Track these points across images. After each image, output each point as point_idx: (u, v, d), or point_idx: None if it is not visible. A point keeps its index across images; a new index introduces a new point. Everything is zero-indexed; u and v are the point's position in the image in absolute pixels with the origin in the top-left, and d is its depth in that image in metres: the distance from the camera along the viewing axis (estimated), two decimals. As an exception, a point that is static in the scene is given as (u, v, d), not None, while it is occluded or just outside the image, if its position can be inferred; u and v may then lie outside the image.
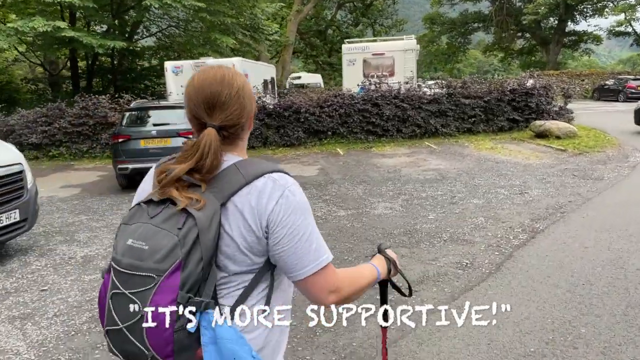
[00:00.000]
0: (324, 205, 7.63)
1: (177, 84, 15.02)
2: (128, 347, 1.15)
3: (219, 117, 1.25)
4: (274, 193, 1.22)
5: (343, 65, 16.20)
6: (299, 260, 1.22)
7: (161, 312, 1.09)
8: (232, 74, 1.31)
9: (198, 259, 1.12)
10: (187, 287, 1.11)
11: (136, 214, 1.22)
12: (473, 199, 7.60)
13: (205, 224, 1.13)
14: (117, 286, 1.14)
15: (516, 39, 47.94)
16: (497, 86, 14.56)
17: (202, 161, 1.19)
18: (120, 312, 1.14)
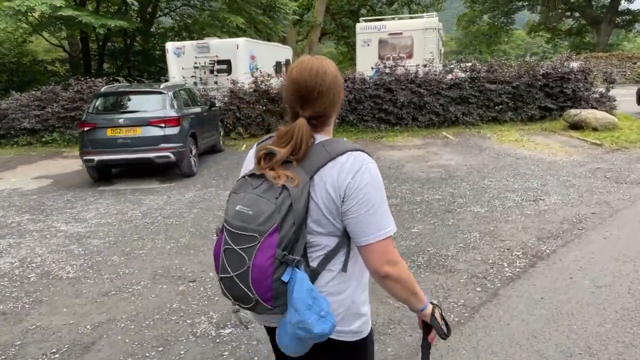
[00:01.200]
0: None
1: (179, 66, 14.16)
2: (237, 291, 1.42)
3: (309, 109, 1.46)
4: (353, 168, 1.41)
5: (357, 46, 14.86)
6: (363, 228, 1.40)
7: (263, 265, 1.34)
8: (326, 68, 1.46)
9: (291, 223, 1.36)
10: (283, 246, 1.35)
11: (242, 184, 1.49)
12: (474, 206, 6.35)
13: (297, 195, 1.36)
14: (229, 243, 1.42)
15: (564, 19, 44.82)
16: (528, 70, 12.95)
17: (297, 149, 1.42)
18: (231, 263, 1.42)
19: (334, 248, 1.45)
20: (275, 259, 1.34)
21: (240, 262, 1.38)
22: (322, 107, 1.46)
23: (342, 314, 1.49)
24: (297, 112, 1.47)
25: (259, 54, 14.86)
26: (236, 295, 1.44)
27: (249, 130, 13.04)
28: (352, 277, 1.50)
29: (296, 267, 1.37)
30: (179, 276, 4.48)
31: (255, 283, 1.36)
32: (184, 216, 6.46)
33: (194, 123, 9.22)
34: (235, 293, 1.43)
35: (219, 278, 1.47)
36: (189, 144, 8.74)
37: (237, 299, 1.45)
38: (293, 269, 1.36)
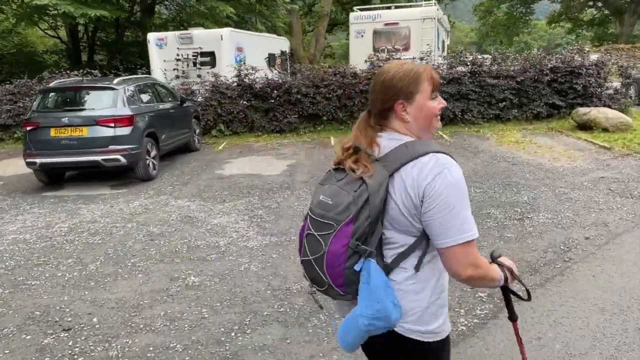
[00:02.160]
0: (243, 226, 5.69)
1: (161, 59, 13.36)
2: (314, 274, 1.52)
3: (370, 103, 1.58)
4: (434, 169, 1.42)
5: (350, 37, 13.84)
6: (443, 230, 1.41)
7: (337, 251, 1.44)
8: (385, 70, 1.55)
9: (366, 216, 1.42)
10: (357, 236, 1.42)
11: (328, 177, 1.60)
12: (448, 226, 5.41)
13: (374, 189, 1.42)
14: (310, 229, 1.52)
15: (586, 8, 42.94)
16: (535, 63, 11.82)
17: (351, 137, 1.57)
18: (311, 247, 1.52)
19: (410, 247, 1.48)
20: (349, 247, 1.43)
21: (317, 247, 1.49)
22: (376, 101, 1.55)
23: (420, 313, 1.50)
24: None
25: (247, 45, 13.98)
26: (313, 278, 1.54)
27: (230, 127, 12.19)
28: (430, 278, 1.52)
29: (368, 258, 1.44)
30: (55, 321, 3.66)
31: (328, 268, 1.47)
32: (113, 233, 5.64)
33: (155, 121, 8.40)
34: (311, 275, 1.54)
35: (301, 261, 1.58)
36: (145, 145, 7.92)
37: (313, 281, 1.55)
38: (366, 260, 1.44)
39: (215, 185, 7.70)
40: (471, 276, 1.44)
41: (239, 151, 10.48)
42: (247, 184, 7.64)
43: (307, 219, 1.56)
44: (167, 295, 4.01)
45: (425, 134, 1.57)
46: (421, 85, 1.51)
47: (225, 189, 7.41)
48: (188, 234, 5.48)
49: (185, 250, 4.99)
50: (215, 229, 5.64)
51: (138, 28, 19.21)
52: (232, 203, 6.67)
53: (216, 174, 8.49)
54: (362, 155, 1.50)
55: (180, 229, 5.69)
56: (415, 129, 1.54)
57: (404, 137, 1.51)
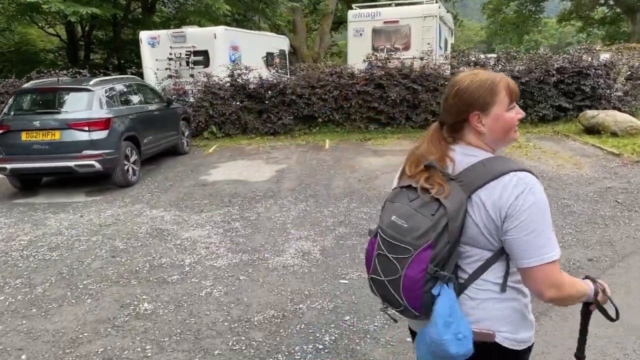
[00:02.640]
0: (215, 240, 5.25)
1: (153, 58, 12.93)
2: (387, 294, 1.49)
3: (442, 114, 1.54)
4: (517, 189, 1.37)
5: (348, 36, 13.33)
6: (525, 251, 1.37)
7: (414, 277, 1.40)
8: (458, 79, 1.51)
9: (445, 242, 1.38)
10: (435, 262, 1.38)
11: (398, 195, 1.51)
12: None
13: (453, 214, 1.37)
14: (382, 249, 1.48)
15: (597, 6, 42.07)
16: (540, 63, 11.27)
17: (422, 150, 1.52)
18: (384, 269, 1.47)
19: (488, 261, 1.45)
20: (427, 273, 1.39)
21: (392, 270, 1.44)
22: (450, 112, 1.50)
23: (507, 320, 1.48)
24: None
25: (243, 44, 13.51)
26: (386, 297, 1.51)
27: (223, 129, 11.76)
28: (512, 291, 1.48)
29: (447, 283, 1.41)
30: (-23, 358, 3.24)
31: (405, 291, 1.43)
32: (74, 247, 5.22)
33: (136, 124, 7.98)
34: (385, 295, 1.51)
35: (370, 277, 1.55)
36: (124, 150, 7.50)
37: (386, 300, 1.53)
38: (442, 285, 1.41)
39: (197, 192, 7.27)
40: (553, 297, 1.41)
41: (229, 154, 10.05)
42: (229, 192, 7.20)
43: (377, 238, 1.52)
44: (112, 326, 3.57)
45: (501, 145, 1.53)
46: (498, 95, 1.46)
47: (206, 197, 6.97)
48: (154, 250, 5.04)
49: (146, 270, 4.56)
50: (184, 244, 5.20)
51: (137, 26, 18.81)
52: (210, 213, 6.23)
53: (200, 180, 8.06)
54: (435, 172, 1.45)
55: (147, 243, 5.26)
56: (490, 141, 1.50)
57: (479, 151, 1.48)
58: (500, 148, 1.53)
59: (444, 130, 1.54)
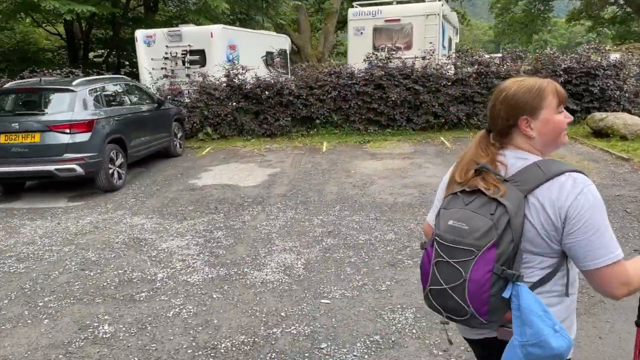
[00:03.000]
0: (194, 252, 4.92)
1: (149, 57, 12.63)
2: (450, 303, 1.43)
3: (489, 121, 1.56)
4: (574, 190, 1.36)
5: (349, 34, 12.96)
6: (589, 253, 1.35)
7: (480, 279, 1.35)
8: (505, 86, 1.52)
9: (510, 240, 1.36)
10: (501, 261, 1.35)
11: (452, 200, 1.49)
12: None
13: (514, 211, 1.36)
14: (442, 256, 1.44)
15: (607, 6, 41.39)
16: (547, 63, 10.85)
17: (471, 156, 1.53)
18: (445, 276, 1.42)
19: (549, 268, 1.44)
20: (494, 273, 1.36)
21: (455, 275, 1.41)
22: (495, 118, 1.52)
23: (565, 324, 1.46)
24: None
25: (241, 43, 13.18)
26: (448, 307, 1.46)
27: (218, 130, 11.44)
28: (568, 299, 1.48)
29: (517, 282, 1.37)
30: None
31: (471, 296, 1.38)
32: (44, 259, 4.91)
33: (123, 126, 7.67)
34: (447, 305, 1.45)
35: (428, 290, 1.50)
36: (108, 153, 7.19)
37: (448, 311, 1.47)
38: (514, 285, 1.36)
39: (183, 198, 6.95)
40: (624, 294, 1.39)
41: (222, 157, 9.73)
42: (217, 197, 6.87)
43: (434, 246, 1.49)
44: (65, 353, 3.24)
45: (551, 150, 1.54)
46: (546, 99, 1.48)
47: (192, 203, 6.65)
48: (126, 263, 4.71)
49: (114, 286, 4.23)
50: (160, 255, 4.87)
51: (137, 25, 18.51)
52: (193, 221, 5.90)
53: (189, 184, 7.73)
54: (488, 175, 1.47)
55: (121, 255, 4.93)
56: (539, 145, 1.51)
57: (530, 155, 1.48)
58: (549, 152, 1.53)
59: (492, 136, 1.55)
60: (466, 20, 38.79)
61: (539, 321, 1.32)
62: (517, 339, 1.36)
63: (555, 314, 1.39)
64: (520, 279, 1.36)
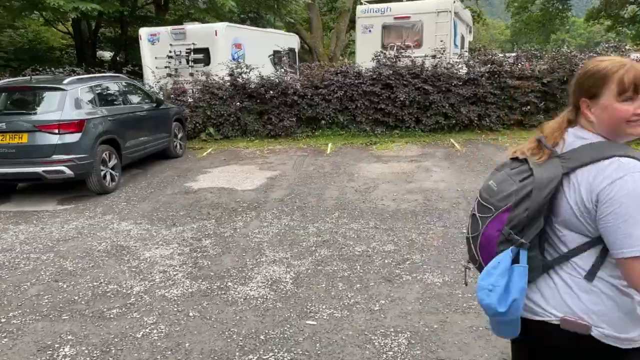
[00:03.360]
0: (177, 262, 4.59)
1: (153, 55, 12.39)
2: (470, 252, 1.66)
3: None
4: (614, 174, 1.34)
5: (357, 32, 12.57)
6: (618, 240, 1.33)
7: (490, 234, 1.54)
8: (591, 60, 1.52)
9: (525, 208, 1.45)
10: (511, 225, 1.48)
11: (505, 165, 1.64)
12: (432, 273, 4.19)
13: (540, 184, 1.43)
14: (475, 209, 1.63)
15: (627, 5, 40.38)
16: (564, 62, 10.35)
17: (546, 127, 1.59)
18: (472, 226, 1.63)
19: (580, 246, 1.44)
20: (501, 233, 1.50)
21: (476, 227, 1.59)
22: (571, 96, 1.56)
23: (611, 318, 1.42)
24: None
25: (247, 41, 12.89)
26: (470, 255, 1.67)
27: (221, 130, 11.14)
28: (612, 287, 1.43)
29: (520, 248, 1.46)
30: None
31: (481, 248, 1.58)
32: (19, 267, 4.62)
33: (117, 126, 7.39)
34: (469, 253, 1.68)
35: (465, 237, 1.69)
36: (100, 154, 6.91)
37: (470, 259, 1.69)
38: (519, 250, 1.47)
39: (176, 202, 6.64)
40: None
41: (223, 159, 9.42)
42: (211, 202, 6.55)
43: (476, 200, 1.65)
44: (16, 379, 2.93)
45: (619, 138, 1.46)
46: (607, 85, 1.43)
47: (184, 208, 6.33)
48: (104, 274, 4.40)
49: (85, 300, 3.91)
50: (140, 266, 4.55)
51: (146, 23, 18.33)
52: (182, 228, 5.58)
53: (184, 187, 7.43)
54: (542, 146, 1.52)
55: (100, 264, 4.63)
56: (601, 130, 1.47)
57: (592, 135, 1.47)
58: (620, 139, 1.46)
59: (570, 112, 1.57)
60: (482, 19, 38.15)
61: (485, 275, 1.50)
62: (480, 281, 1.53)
63: (581, 299, 1.43)
64: (523, 247, 1.46)
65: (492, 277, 1.46)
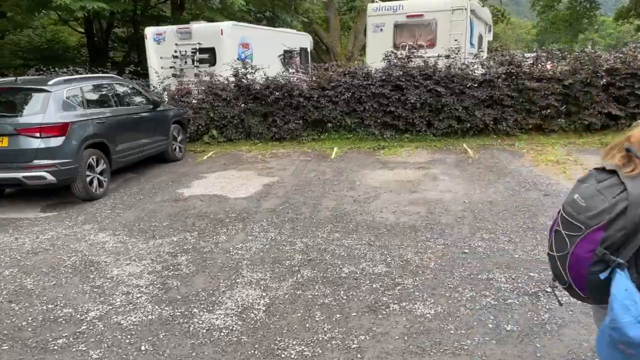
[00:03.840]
0: (144, 282, 4.19)
1: (158, 56, 12.09)
2: (556, 270, 1.58)
3: None
4: None
5: (367, 31, 12.03)
6: None
7: (581, 255, 1.45)
8: None
9: (620, 227, 1.37)
10: (605, 245, 1.40)
11: (590, 176, 1.54)
12: (423, 302, 3.70)
13: (636, 201, 1.35)
14: (560, 225, 1.57)
15: (659, 3, 38.88)
16: (587, 63, 9.67)
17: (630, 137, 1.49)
18: (557, 244, 1.57)
19: None
20: (595, 254, 1.41)
21: (563, 246, 1.52)
22: None
23: None
24: None
25: (255, 41, 12.52)
26: (555, 274, 1.60)
27: (224, 133, 10.76)
28: None
29: (617, 268, 1.39)
30: None
31: (571, 269, 1.49)
32: (-24, 284, 4.28)
33: (107, 129, 7.06)
34: (554, 271, 1.60)
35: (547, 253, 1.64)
36: (86, 159, 6.58)
37: (556, 277, 1.61)
38: (613, 270, 1.39)
39: (163, 210, 6.26)
40: None
41: (223, 163, 9.03)
42: (199, 211, 6.15)
43: (559, 215, 1.58)
44: None
45: None
46: None
47: (169, 218, 5.94)
48: (63, 294, 4.02)
49: (34, 326, 3.53)
50: (105, 286, 4.16)
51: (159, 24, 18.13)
52: (161, 241, 5.19)
53: (176, 194, 7.05)
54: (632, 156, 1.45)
55: (63, 282, 4.25)
56: None
57: None
58: None
59: None
60: (506, 18, 37.13)
61: (621, 309, 1.35)
62: (606, 320, 1.41)
63: None
64: (621, 267, 1.39)
65: (632, 308, 1.35)
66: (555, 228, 1.58)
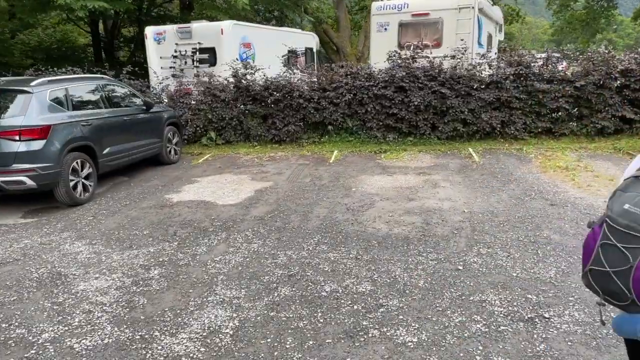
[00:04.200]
0: (109, 299, 3.89)
1: (158, 55, 11.87)
2: (612, 286, 1.45)
3: None
4: None
5: (371, 31, 11.67)
6: None
7: None
8: None
9: None
10: None
11: (633, 184, 1.47)
12: (408, 329, 3.35)
13: None
14: (610, 239, 1.44)
15: (680, 2, 37.87)
16: (600, 64, 9.20)
17: None
18: (610, 259, 1.44)
19: None
20: None
21: (621, 260, 1.41)
22: None
23: None
24: None
25: (258, 41, 12.23)
26: (609, 291, 1.47)
27: (223, 135, 10.48)
28: None
29: None
30: None
31: (636, 283, 1.39)
32: None
33: (93, 132, 6.82)
34: (608, 288, 1.47)
35: (588, 269, 1.50)
36: (70, 163, 6.33)
37: (608, 294, 1.48)
38: None
39: (146, 218, 5.98)
40: None
41: (218, 166, 8.75)
42: (183, 219, 5.86)
43: (604, 227, 1.48)
44: None
45: None
46: None
47: (151, 226, 5.66)
48: (21, 312, 3.75)
49: (-21, 349, 3.26)
50: (66, 302, 3.88)
51: (165, 22, 17.95)
52: (137, 252, 4.90)
53: (163, 199, 6.78)
54: None
55: (24, 298, 3.98)
56: None
57: None
58: None
59: None
60: (521, 17, 36.41)
61: None
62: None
63: None
64: None
65: None
66: (604, 242, 1.46)
